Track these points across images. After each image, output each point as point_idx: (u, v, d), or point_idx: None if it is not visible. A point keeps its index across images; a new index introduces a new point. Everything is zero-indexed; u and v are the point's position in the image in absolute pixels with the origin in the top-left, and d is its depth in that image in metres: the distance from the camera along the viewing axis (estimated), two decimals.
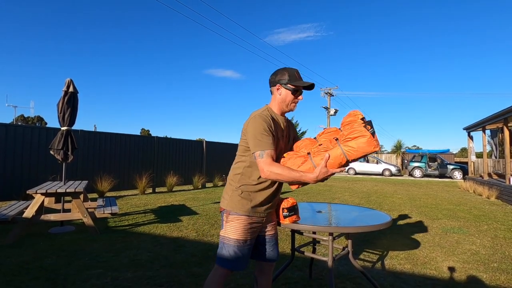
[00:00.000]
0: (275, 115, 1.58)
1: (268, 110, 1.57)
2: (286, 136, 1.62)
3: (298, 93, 1.57)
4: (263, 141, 1.42)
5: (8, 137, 6.61)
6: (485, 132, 11.97)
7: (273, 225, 1.71)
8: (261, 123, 1.45)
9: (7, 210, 3.88)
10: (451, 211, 6.33)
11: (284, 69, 1.59)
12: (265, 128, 1.44)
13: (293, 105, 1.59)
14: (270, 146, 1.43)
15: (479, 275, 2.83)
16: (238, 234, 1.49)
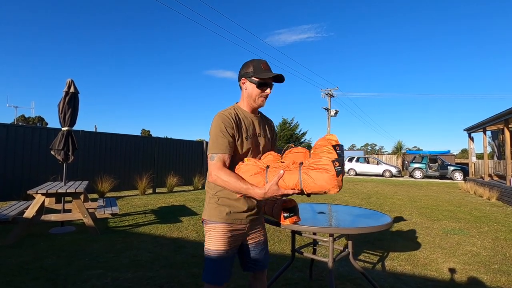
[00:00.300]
0: (243, 113, 1.45)
1: (234, 108, 1.46)
2: (262, 135, 1.50)
3: (265, 86, 1.42)
4: (217, 143, 1.33)
5: (9, 138, 6.62)
6: (485, 133, 11.95)
7: (258, 231, 1.56)
8: (219, 124, 1.35)
9: (8, 211, 3.88)
10: (451, 212, 6.32)
11: (250, 61, 1.44)
12: (222, 129, 1.34)
13: (261, 99, 1.43)
14: (223, 149, 1.32)
15: (480, 276, 2.83)
16: (217, 244, 1.38)
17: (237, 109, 1.45)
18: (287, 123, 29.27)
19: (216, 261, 1.38)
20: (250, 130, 1.43)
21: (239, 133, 1.39)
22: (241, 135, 1.39)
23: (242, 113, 1.45)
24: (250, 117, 1.46)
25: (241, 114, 1.44)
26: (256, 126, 1.48)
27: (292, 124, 29.26)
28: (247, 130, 1.42)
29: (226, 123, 1.35)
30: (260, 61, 1.43)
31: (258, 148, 1.47)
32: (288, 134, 28.65)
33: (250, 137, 1.42)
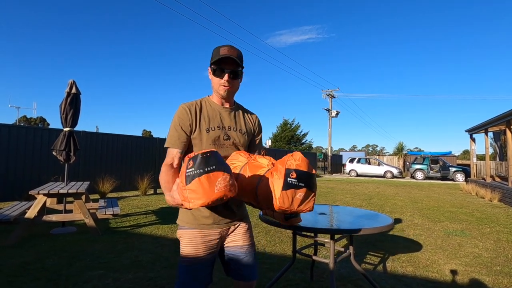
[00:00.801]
0: (210, 105, 1.35)
1: (202, 100, 1.36)
2: (233, 129, 1.36)
3: (222, 73, 1.26)
4: (169, 137, 1.27)
5: (11, 138, 6.65)
6: (487, 135, 11.92)
7: (240, 234, 1.37)
8: (175, 117, 1.28)
9: (9, 211, 3.90)
10: (453, 213, 6.29)
11: (216, 47, 1.30)
12: (175, 123, 1.27)
13: (221, 88, 1.29)
14: (172, 143, 1.25)
15: (482, 278, 2.82)
16: (188, 250, 1.26)
17: (205, 101, 1.36)
18: (288, 124, 29.26)
19: (188, 271, 1.25)
20: (214, 123, 1.31)
21: (196, 125, 1.28)
22: (200, 127, 1.28)
23: (209, 104, 1.35)
24: (218, 109, 1.35)
25: (207, 105, 1.34)
26: (225, 118, 1.35)
27: (293, 125, 29.27)
28: (210, 122, 1.30)
29: (180, 116, 1.27)
30: (222, 46, 1.27)
31: (227, 142, 1.33)
32: (289, 135, 28.64)
33: (212, 129, 1.30)
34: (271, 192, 1.05)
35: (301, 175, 1.03)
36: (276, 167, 1.09)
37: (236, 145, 1.36)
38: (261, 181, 1.11)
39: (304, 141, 30.11)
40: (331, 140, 25.72)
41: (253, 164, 1.19)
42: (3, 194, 6.37)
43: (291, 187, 1.02)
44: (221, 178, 0.92)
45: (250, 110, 1.51)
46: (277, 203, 1.02)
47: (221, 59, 1.24)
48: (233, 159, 1.28)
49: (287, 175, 1.02)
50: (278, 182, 1.03)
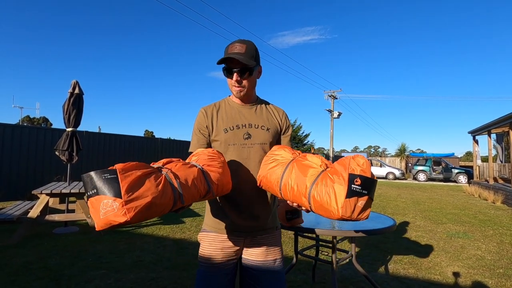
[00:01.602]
0: (230, 104, 1.30)
1: (224, 99, 1.33)
2: (255, 126, 1.26)
3: (231, 74, 1.20)
4: (191, 141, 1.28)
5: (14, 138, 6.69)
6: (490, 136, 11.86)
7: (264, 247, 1.24)
8: (195, 121, 1.28)
9: (12, 210, 3.92)
10: (456, 215, 6.26)
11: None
12: (194, 127, 1.28)
13: (233, 88, 1.24)
14: (193, 148, 1.25)
15: (485, 281, 2.80)
16: (204, 252, 1.22)
17: (224, 101, 1.31)
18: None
19: (204, 277, 1.19)
20: (232, 122, 1.24)
21: (213, 126, 1.24)
22: (218, 128, 1.24)
23: (228, 104, 1.30)
24: (237, 107, 1.28)
25: (226, 105, 1.29)
26: (246, 116, 1.27)
27: (295, 126, 29.25)
28: (228, 122, 1.24)
29: (198, 120, 1.26)
30: (232, 43, 1.21)
31: (248, 141, 1.23)
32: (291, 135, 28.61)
33: (231, 129, 1.23)
34: (328, 197, 0.95)
35: (365, 182, 0.93)
36: (336, 170, 0.99)
37: (260, 144, 1.24)
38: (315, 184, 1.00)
39: (306, 142, 30.06)
40: (333, 141, 25.68)
41: (301, 163, 1.08)
42: (6, 193, 6.40)
43: (354, 195, 0.92)
44: (104, 203, 0.77)
45: (276, 106, 1.38)
46: (339, 212, 0.92)
47: (227, 58, 1.17)
48: (275, 153, 1.17)
49: (351, 182, 0.92)
50: (340, 188, 0.93)
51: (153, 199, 0.81)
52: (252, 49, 1.20)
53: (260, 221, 1.24)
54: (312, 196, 0.99)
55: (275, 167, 1.11)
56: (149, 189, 0.82)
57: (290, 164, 1.09)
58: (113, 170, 0.81)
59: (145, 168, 0.88)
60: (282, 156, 1.14)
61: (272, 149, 1.20)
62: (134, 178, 0.81)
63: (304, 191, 1.02)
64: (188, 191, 0.92)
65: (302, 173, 1.04)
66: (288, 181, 1.06)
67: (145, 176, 0.84)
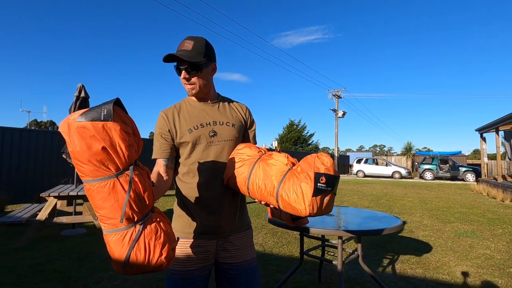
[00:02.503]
0: (190, 104, 1.25)
1: (184, 99, 1.29)
2: (219, 123, 1.23)
3: (179, 72, 1.17)
4: (154, 148, 1.21)
5: (22, 142, 6.79)
6: (498, 134, 11.69)
7: (244, 248, 1.22)
8: (156, 125, 1.23)
9: (21, 213, 3.98)
10: (464, 214, 6.18)
11: None
12: (156, 132, 1.22)
13: (185, 87, 1.20)
14: (157, 153, 1.20)
15: (494, 280, 2.76)
16: (176, 263, 1.16)
17: (185, 101, 1.27)
18: (294, 125, 29.20)
19: (177, 285, 1.15)
20: (196, 121, 1.21)
21: (176, 129, 1.19)
22: (182, 129, 1.19)
23: (189, 104, 1.25)
24: (199, 106, 1.24)
25: (187, 105, 1.25)
26: (209, 113, 1.23)
27: (299, 126, 29.19)
28: (191, 122, 1.20)
29: (159, 124, 1.21)
30: (181, 42, 1.17)
31: (215, 139, 1.20)
32: (296, 136, 28.57)
33: (195, 128, 1.19)
34: (296, 196, 0.98)
35: (330, 179, 0.97)
36: (302, 169, 1.01)
37: (226, 140, 1.22)
38: (283, 183, 1.02)
39: (311, 142, 30.00)
40: (337, 141, 25.56)
41: (268, 162, 1.08)
42: (15, 196, 6.50)
43: (320, 193, 0.96)
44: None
45: (238, 102, 1.35)
46: (307, 210, 0.96)
47: (173, 57, 1.12)
48: (240, 152, 1.16)
49: (317, 180, 0.95)
50: (306, 187, 0.96)
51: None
52: (201, 46, 1.15)
53: (231, 221, 1.21)
54: (280, 195, 1.01)
55: (242, 166, 1.11)
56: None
57: (256, 163, 1.09)
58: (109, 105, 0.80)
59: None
60: (248, 155, 1.13)
61: (237, 148, 1.19)
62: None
63: (272, 190, 1.03)
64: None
65: (269, 172, 1.05)
66: (256, 180, 1.07)
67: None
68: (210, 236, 1.18)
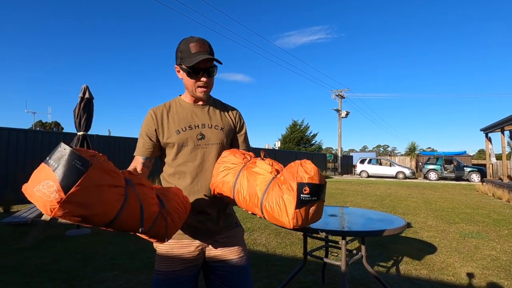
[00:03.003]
0: (181, 104, 1.23)
1: (174, 99, 1.26)
2: (208, 126, 1.22)
3: (198, 74, 1.14)
4: (137, 145, 1.21)
5: (28, 142, 6.86)
6: (504, 133, 11.58)
7: (232, 247, 1.21)
8: (143, 123, 1.21)
9: (27, 213, 4.02)
10: (469, 215, 6.13)
11: (182, 41, 1.16)
12: (142, 129, 1.20)
13: (199, 90, 1.17)
14: (136, 151, 1.19)
15: (500, 282, 2.73)
16: (162, 263, 1.15)
17: (175, 101, 1.25)
18: (297, 125, 29.15)
19: (164, 286, 1.13)
20: (184, 123, 1.19)
21: (164, 129, 1.18)
22: (169, 130, 1.18)
23: (179, 104, 1.24)
24: (189, 107, 1.23)
25: (177, 106, 1.23)
26: (198, 116, 1.22)
27: (302, 126, 29.14)
28: (180, 123, 1.19)
29: (146, 122, 1.20)
30: (190, 40, 1.14)
31: (202, 141, 1.19)
32: (299, 136, 28.52)
33: (183, 130, 1.18)
34: (279, 208, 0.93)
35: (314, 189, 0.92)
36: (285, 179, 0.95)
37: (214, 144, 1.21)
38: (266, 194, 0.98)
39: (314, 142, 29.93)
40: (341, 141, 25.48)
41: (251, 170, 1.04)
42: (20, 196, 6.55)
43: (304, 204, 0.91)
44: (48, 183, 0.72)
45: (228, 105, 1.34)
46: (291, 223, 0.91)
47: (193, 60, 1.12)
48: (225, 160, 1.13)
49: (299, 191, 0.90)
50: (289, 199, 0.91)
51: (96, 211, 0.75)
52: (212, 47, 1.17)
53: (218, 221, 1.20)
54: (264, 207, 0.98)
55: (227, 175, 1.08)
56: (102, 202, 0.75)
57: (241, 172, 1.06)
58: (86, 162, 0.72)
59: (117, 179, 0.81)
60: (233, 163, 1.10)
61: (222, 155, 1.17)
62: (95, 185, 0.74)
63: (256, 201, 0.99)
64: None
65: (253, 182, 1.01)
66: (241, 190, 1.03)
67: (109, 188, 0.77)
68: (195, 236, 1.17)
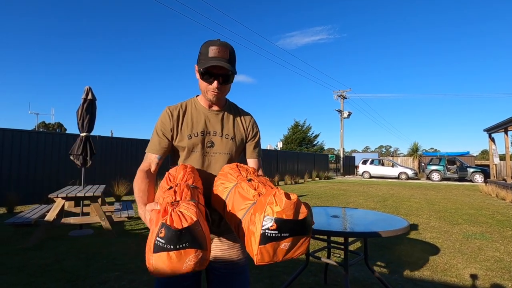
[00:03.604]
0: (197, 107, 1.23)
1: (189, 101, 1.26)
2: (219, 134, 1.22)
3: (211, 78, 1.12)
4: (150, 142, 1.21)
5: (31, 143, 6.90)
6: (507, 134, 11.51)
7: (230, 249, 1.21)
8: (158, 120, 1.21)
9: (30, 214, 4.04)
10: (472, 216, 6.09)
11: (205, 42, 1.15)
12: (157, 127, 1.19)
13: (210, 93, 1.16)
14: (151, 149, 1.18)
15: (504, 283, 2.71)
16: None
17: (191, 102, 1.25)
18: (299, 126, 29.13)
19: (166, 285, 1.14)
20: (197, 128, 1.19)
21: (178, 131, 1.19)
22: (182, 133, 1.19)
23: (194, 107, 1.23)
24: (204, 111, 1.22)
25: (192, 108, 1.23)
26: (211, 122, 1.22)
27: (304, 127, 29.11)
28: (193, 128, 1.19)
29: (163, 120, 1.19)
30: (213, 43, 1.12)
31: (211, 149, 1.21)
32: (301, 137, 28.49)
33: (195, 135, 1.19)
34: (249, 239, 0.85)
35: (283, 225, 0.80)
36: (255, 209, 0.86)
37: (222, 153, 1.21)
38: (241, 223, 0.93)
39: (316, 143, 29.88)
40: (343, 142, 25.42)
41: (239, 193, 0.99)
42: (24, 197, 6.60)
43: (270, 240, 0.80)
44: (193, 256, 0.77)
45: (244, 110, 1.33)
46: (255, 259, 0.82)
47: (206, 63, 1.11)
48: (223, 178, 1.11)
49: (265, 227, 0.80)
50: (253, 233, 0.82)
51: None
52: (234, 54, 1.16)
53: (220, 224, 1.20)
54: (240, 235, 0.94)
55: (222, 192, 1.06)
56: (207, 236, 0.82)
57: (231, 191, 1.03)
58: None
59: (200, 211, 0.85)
60: (227, 180, 1.08)
61: (222, 169, 1.15)
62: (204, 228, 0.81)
63: (237, 226, 0.96)
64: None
65: (235, 205, 0.97)
66: (228, 209, 1.01)
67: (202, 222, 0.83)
68: None
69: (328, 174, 20.99)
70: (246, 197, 0.96)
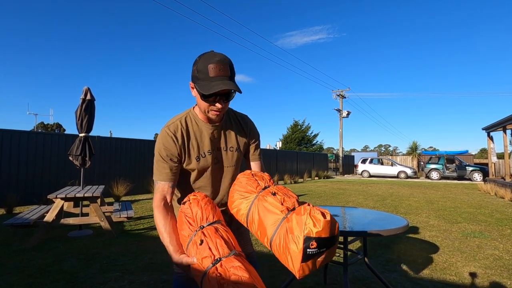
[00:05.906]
0: (196, 123, 1.16)
1: (187, 116, 1.17)
2: (225, 148, 1.20)
3: (214, 99, 1.04)
4: (157, 169, 1.11)
5: (30, 144, 6.89)
6: (506, 132, 11.54)
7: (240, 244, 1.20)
8: (159, 145, 1.11)
9: (29, 215, 4.04)
10: (471, 214, 6.11)
11: (200, 56, 1.05)
12: (160, 152, 1.10)
13: (212, 113, 1.09)
14: (163, 177, 1.10)
15: (503, 281, 2.72)
16: (176, 267, 1.19)
17: (190, 118, 1.16)
18: (298, 125, 29.14)
19: (184, 284, 1.20)
20: (203, 148, 1.15)
21: (185, 154, 1.13)
22: (190, 156, 1.13)
23: (195, 124, 1.16)
24: (206, 129, 1.16)
25: (194, 126, 1.15)
26: (216, 139, 1.18)
27: (303, 126, 29.12)
28: (199, 149, 1.15)
29: (168, 146, 1.10)
30: (210, 59, 1.01)
31: (217, 166, 1.19)
32: (300, 136, 28.51)
33: (203, 156, 1.15)
34: (286, 257, 0.91)
35: (322, 243, 0.87)
36: (292, 229, 0.89)
37: (228, 167, 1.22)
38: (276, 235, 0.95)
39: (315, 142, 29.91)
40: (342, 141, 25.43)
41: (263, 205, 1.00)
42: (23, 198, 6.59)
43: (311, 258, 0.87)
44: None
45: (240, 114, 1.30)
46: (297, 275, 0.90)
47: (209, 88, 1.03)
48: (238, 188, 1.10)
49: (306, 246, 0.85)
50: (295, 252, 0.87)
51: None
52: (233, 67, 1.07)
53: (230, 226, 1.21)
54: (273, 248, 0.97)
55: (241, 204, 1.07)
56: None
57: (253, 203, 1.03)
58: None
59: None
60: (246, 191, 1.08)
61: (237, 179, 1.15)
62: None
63: (266, 240, 0.98)
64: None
65: (264, 219, 0.98)
66: (253, 224, 1.03)
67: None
68: None
69: (327, 174, 21.01)
70: (274, 212, 0.98)
